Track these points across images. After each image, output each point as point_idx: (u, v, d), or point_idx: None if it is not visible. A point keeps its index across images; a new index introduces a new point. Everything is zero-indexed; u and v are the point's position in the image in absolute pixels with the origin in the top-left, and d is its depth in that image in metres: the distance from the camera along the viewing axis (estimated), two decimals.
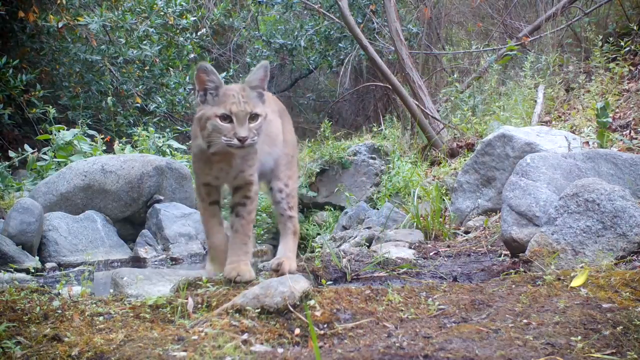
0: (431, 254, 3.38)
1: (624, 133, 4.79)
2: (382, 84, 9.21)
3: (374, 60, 7.27)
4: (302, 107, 12.86)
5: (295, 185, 2.70)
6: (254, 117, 2.23)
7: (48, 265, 4.39)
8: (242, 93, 2.24)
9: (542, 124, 5.52)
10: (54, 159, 6.30)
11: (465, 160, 5.17)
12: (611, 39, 6.38)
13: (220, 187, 2.52)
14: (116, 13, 8.63)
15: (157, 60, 9.06)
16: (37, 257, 4.28)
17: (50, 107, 7.07)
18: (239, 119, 2.19)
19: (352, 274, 2.74)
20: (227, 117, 2.20)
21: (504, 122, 5.71)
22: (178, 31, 9.61)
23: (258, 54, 11.11)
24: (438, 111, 7.41)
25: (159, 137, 7.43)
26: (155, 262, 4.82)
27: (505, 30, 9.38)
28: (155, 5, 9.00)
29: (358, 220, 5.12)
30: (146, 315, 1.99)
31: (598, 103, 4.68)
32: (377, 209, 5.34)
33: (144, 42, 8.87)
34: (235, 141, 2.19)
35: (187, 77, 9.50)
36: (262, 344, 1.73)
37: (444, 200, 4.68)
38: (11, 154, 6.70)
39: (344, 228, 5.22)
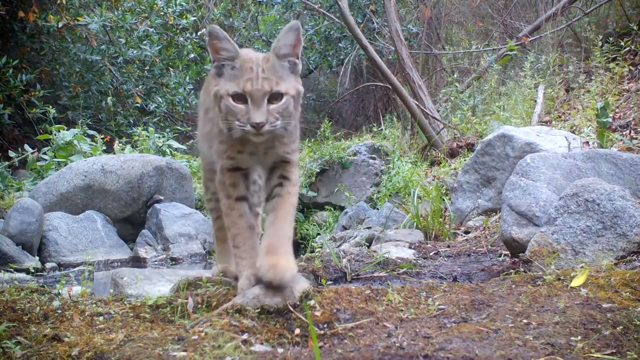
0: (431, 254, 3.38)
1: (624, 133, 4.79)
2: (382, 84, 9.22)
3: (374, 60, 7.27)
4: (302, 107, 12.85)
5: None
6: (276, 96, 1.82)
7: (48, 265, 4.39)
8: (264, 65, 1.83)
9: (542, 124, 5.52)
10: (54, 159, 6.30)
11: (465, 160, 5.17)
12: (611, 39, 6.39)
13: (249, 175, 2.07)
14: (116, 13, 8.64)
15: (157, 60, 9.07)
16: (37, 257, 4.28)
17: (50, 107, 7.09)
18: (255, 100, 1.79)
19: (352, 274, 2.74)
20: (241, 97, 1.81)
21: (504, 122, 5.71)
22: (178, 31, 9.62)
23: None
24: (438, 111, 7.41)
25: (159, 137, 7.44)
26: (155, 262, 4.81)
27: (505, 30, 9.39)
28: (155, 5, 9.01)
29: (358, 220, 5.12)
30: (146, 315, 1.99)
31: (598, 103, 4.68)
32: (377, 209, 5.34)
33: (144, 42, 8.88)
34: (249, 127, 1.80)
35: (187, 77, 9.51)
36: (262, 344, 1.73)
37: (444, 200, 4.68)
38: (11, 154, 6.70)
39: (344, 228, 5.21)
